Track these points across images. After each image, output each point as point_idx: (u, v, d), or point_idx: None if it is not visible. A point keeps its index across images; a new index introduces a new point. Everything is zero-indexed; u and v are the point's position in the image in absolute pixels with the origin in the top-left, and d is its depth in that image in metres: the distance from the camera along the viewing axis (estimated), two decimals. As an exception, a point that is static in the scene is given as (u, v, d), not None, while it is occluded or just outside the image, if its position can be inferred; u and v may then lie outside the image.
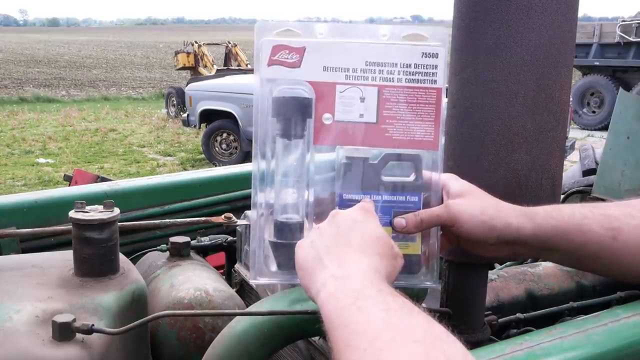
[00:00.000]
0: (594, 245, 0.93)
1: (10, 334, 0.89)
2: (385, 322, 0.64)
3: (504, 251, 0.96)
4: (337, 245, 0.78)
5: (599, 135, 12.22)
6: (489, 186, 1.05)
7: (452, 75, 1.09)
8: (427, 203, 0.97)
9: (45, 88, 20.63)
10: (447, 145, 1.13)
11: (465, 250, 1.00)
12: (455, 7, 1.08)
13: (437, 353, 0.60)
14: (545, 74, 1.03)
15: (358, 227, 0.81)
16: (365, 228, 0.81)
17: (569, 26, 1.04)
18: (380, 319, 0.65)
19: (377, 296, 0.69)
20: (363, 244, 0.78)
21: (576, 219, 0.94)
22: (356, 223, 0.81)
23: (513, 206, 0.95)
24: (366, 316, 0.66)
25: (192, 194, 1.62)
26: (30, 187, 8.36)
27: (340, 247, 0.78)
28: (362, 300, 0.68)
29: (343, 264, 0.76)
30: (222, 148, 10.03)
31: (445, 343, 0.62)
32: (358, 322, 0.65)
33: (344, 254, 0.77)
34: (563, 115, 1.07)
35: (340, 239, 0.79)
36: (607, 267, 0.96)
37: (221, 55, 16.44)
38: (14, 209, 1.40)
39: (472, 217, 0.91)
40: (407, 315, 0.66)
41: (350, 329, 0.65)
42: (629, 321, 0.88)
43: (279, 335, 0.95)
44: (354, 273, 0.74)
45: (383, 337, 0.62)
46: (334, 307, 0.70)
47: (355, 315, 0.66)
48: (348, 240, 0.79)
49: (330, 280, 0.73)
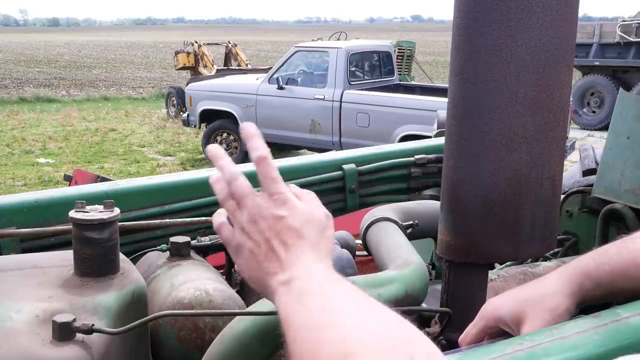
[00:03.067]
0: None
1: (10, 334, 0.89)
2: (324, 311, 0.66)
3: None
4: (273, 250, 0.77)
5: (599, 135, 12.21)
6: (489, 186, 1.05)
7: (452, 75, 1.09)
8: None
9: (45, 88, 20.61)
10: (447, 145, 1.13)
11: (465, 250, 1.00)
12: (455, 7, 1.08)
13: (375, 324, 0.62)
14: (545, 74, 1.03)
15: (284, 223, 0.78)
16: (291, 221, 0.78)
17: (569, 26, 1.04)
18: (318, 307, 0.67)
19: (320, 289, 0.70)
20: (296, 238, 0.77)
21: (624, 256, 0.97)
22: (281, 220, 0.78)
23: (560, 287, 0.97)
24: (308, 311, 0.67)
25: (192, 194, 1.62)
26: (30, 187, 8.35)
27: (278, 252, 0.77)
28: (306, 296, 0.69)
29: (286, 266, 0.75)
30: (222, 148, 10.03)
31: (382, 315, 0.64)
32: (301, 318, 0.67)
33: (284, 257, 0.76)
34: (563, 115, 1.07)
35: (275, 241, 0.78)
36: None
37: (221, 55, 16.42)
38: (14, 209, 1.40)
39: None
40: (346, 298, 0.68)
41: (295, 327, 0.67)
42: (629, 321, 0.88)
43: (279, 335, 0.95)
44: (298, 273, 0.74)
45: (320, 321, 0.64)
46: (283, 311, 0.71)
47: (299, 312, 0.68)
48: (282, 241, 0.77)
49: (280, 288, 0.74)
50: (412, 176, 2.00)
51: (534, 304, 0.96)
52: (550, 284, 0.98)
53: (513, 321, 0.97)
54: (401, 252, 1.22)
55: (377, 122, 8.44)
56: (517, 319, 0.96)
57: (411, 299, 1.13)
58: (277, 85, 9.07)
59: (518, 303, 0.98)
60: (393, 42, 13.02)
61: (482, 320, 1.00)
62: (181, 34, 51.38)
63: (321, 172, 1.86)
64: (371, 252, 1.35)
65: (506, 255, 1.16)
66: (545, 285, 0.99)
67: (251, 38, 57.10)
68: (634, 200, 1.53)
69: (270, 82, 9.22)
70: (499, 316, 0.99)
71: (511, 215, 1.07)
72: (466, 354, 0.87)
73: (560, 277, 0.99)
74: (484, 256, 1.12)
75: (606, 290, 0.96)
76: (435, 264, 1.53)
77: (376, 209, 1.46)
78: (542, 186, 1.07)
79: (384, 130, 8.28)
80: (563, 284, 0.97)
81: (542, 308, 0.95)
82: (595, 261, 0.97)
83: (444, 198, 1.15)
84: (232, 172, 0.82)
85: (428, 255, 1.62)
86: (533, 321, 0.94)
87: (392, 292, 1.10)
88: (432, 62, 28.40)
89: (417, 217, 1.44)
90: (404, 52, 13.65)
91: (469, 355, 0.86)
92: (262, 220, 0.78)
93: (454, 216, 1.12)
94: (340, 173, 1.90)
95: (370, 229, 1.37)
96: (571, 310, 0.96)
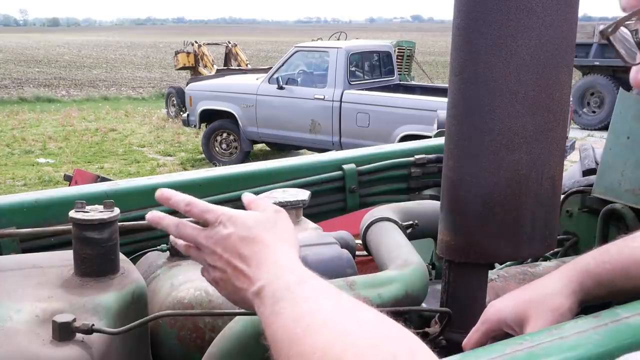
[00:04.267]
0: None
1: (10, 334, 0.89)
2: (298, 319, 0.65)
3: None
4: (235, 268, 0.79)
5: (599, 135, 12.21)
6: (489, 186, 1.05)
7: (452, 75, 1.09)
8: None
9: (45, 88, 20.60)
10: (447, 145, 1.13)
11: (465, 250, 1.00)
12: (455, 7, 1.08)
13: (352, 325, 0.61)
14: (545, 73, 1.03)
15: (232, 238, 0.80)
16: (237, 232, 0.80)
17: (569, 26, 1.04)
18: (291, 316, 0.66)
19: (289, 294, 0.70)
20: (250, 247, 0.79)
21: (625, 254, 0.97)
22: (228, 238, 0.80)
23: (562, 286, 0.97)
24: (282, 322, 0.67)
25: (192, 194, 1.62)
26: (30, 187, 8.35)
27: (240, 267, 0.78)
28: (278, 304, 0.69)
29: (253, 277, 0.76)
30: (222, 148, 10.03)
31: (357, 313, 0.63)
32: (277, 330, 0.67)
33: (247, 270, 0.78)
34: (563, 115, 1.07)
35: (233, 259, 0.79)
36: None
37: (221, 55, 16.42)
38: (14, 209, 1.40)
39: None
40: (318, 299, 0.68)
41: (275, 341, 0.66)
42: (629, 321, 0.88)
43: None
44: (265, 279, 0.74)
45: (297, 331, 0.63)
46: (263, 323, 0.71)
47: (275, 323, 0.68)
48: (239, 255, 0.79)
49: (255, 300, 0.75)
50: (412, 176, 2.00)
51: (536, 305, 0.96)
52: (551, 284, 0.98)
53: (516, 323, 0.97)
54: (401, 252, 1.22)
55: (377, 122, 8.45)
56: (519, 320, 0.96)
57: (411, 299, 1.13)
58: (277, 85, 9.07)
59: (520, 304, 0.98)
60: (393, 42, 13.02)
61: (485, 324, 1.00)
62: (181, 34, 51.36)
63: (321, 172, 1.86)
64: (371, 252, 1.35)
65: (506, 255, 1.16)
66: (547, 285, 0.99)
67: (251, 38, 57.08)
68: (634, 200, 1.53)
69: (270, 82, 9.22)
70: (502, 319, 0.98)
71: (511, 215, 1.07)
72: (466, 354, 0.87)
73: (561, 276, 0.99)
74: (484, 256, 1.11)
75: (607, 289, 0.96)
76: (435, 264, 1.53)
77: (376, 209, 1.46)
78: (542, 186, 1.07)
79: (384, 130, 8.28)
80: (564, 284, 0.97)
81: (544, 308, 0.95)
82: (596, 260, 0.97)
83: (444, 198, 1.15)
84: (175, 225, 0.85)
85: (428, 255, 1.62)
86: (536, 322, 0.94)
87: (392, 292, 1.10)
88: (432, 62, 28.40)
89: (417, 217, 1.44)
90: (404, 52, 13.65)
91: (468, 355, 0.86)
92: (217, 247, 0.81)
93: (454, 216, 1.12)
94: (340, 173, 1.90)
95: (370, 229, 1.37)
96: (573, 310, 0.96)
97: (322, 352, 0.59)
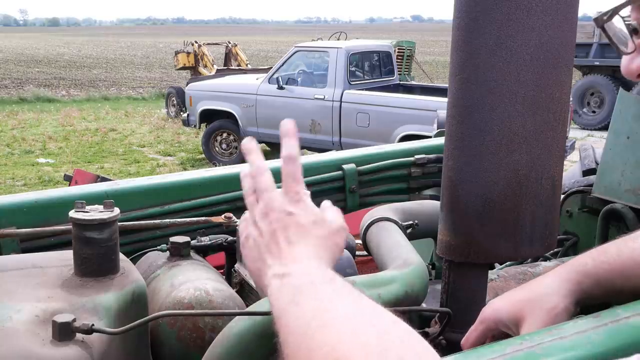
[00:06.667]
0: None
1: (10, 334, 0.89)
2: (316, 315, 0.65)
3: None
4: (276, 242, 0.78)
5: (599, 135, 12.21)
6: (488, 186, 1.05)
7: (452, 75, 1.09)
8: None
9: (45, 88, 20.59)
10: (447, 145, 1.13)
11: (465, 250, 1.00)
12: (455, 7, 1.08)
13: (366, 326, 0.61)
14: (545, 74, 1.03)
15: (293, 219, 0.80)
16: (300, 218, 0.80)
17: (569, 26, 1.04)
18: (310, 309, 0.66)
19: (313, 289, 0.69)
20: (301, 236, 0.78)
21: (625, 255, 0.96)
22: (290, 216, 0.80)
23: (558, 287, 0.97)
24: (300, 312, 0.67)
25: (192, 194, 1.62)
26: (30, 187, 8.36)
27: (280, 244, 0.78)
28: (299, 296, 0.69)
29: (284, 260, 0.76)
30: (222, 148, 10.03)
31: (374, 316, 0.63)
32: (293, 320, 0.66)
33: (284, 251, 0.77)
34: (563, 115, 1.07)
35: (280, 234, 0.79)
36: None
37: (221, 55, 16.42)
38: (14, 209, 1.40)
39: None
40: (339, 299, 0.67)
41: (288, 330, 0.66)
42: (629, 321, 0.88)
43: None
44: (294, 269, 0.74)
45: (312, 325, 0.63)
46: (277, 308, 0.70)
47: (292, 312, 0.67)
48: (286, 236, 0.78)
49: (273, 280, 0.74)
50: (412, 176, 2.00)
51: (532, 304, 0.96)
52: (547, 284, 0.98)
53: (512, 322, 0.97)
54: (401, 252, 1.22)
55: (377, 122, 8.44)
56: (516, 319, 0.96)
57: (411, 298, 1.13)
58: (277, 85, 9.07)
59: (516, 304, 0.98)
60: (393, 42, 13.02)
61: (482, 324, 1.00)
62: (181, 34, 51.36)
63: (321, 172, 1.86)
64: (371, 252, 1.35)
65: (506, 255, 1.16)
66: (543, 285, 0.99)
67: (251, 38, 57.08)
68: (634, 200, 1.53)
69: (270, 82, 9.22)
70: (499, 318, 0.99)
71: (511, 215, 1.07)
72: (466, 354, 0.87)
73: (557, 276, 0.99)
74: (483, 256, 1.11)
75: (606, 289, 0.96)
76: (435, 264, 1.53)
77: (376, 209, 1.46)
78: (542, 186, 1.07)
79: (384, 130, 8.28)
80: (560, 284, 0.97)
81: (540, 308, 0.95)
82: (594, 260, 0.97)
83: (443, 198, 1.15)
84: (258, 166, 0.84)
85: (428, 255, 1.62)
86: (531, 321, 0.94)
87: (392, 292, 1.10)
88: (432, 62, 28.39)
89: (417, 217, 1.44)
90: (404, 52, 13.65)
91: (468, 355, 0.86)
92: (272, 213, 0.80)
93: (454, 216, 1.12)
94: (340, 173, 1.90)
95: (370, 229, 1.37)
96: (570, 309, 0.96)
97: (331, 348, 0.59)
